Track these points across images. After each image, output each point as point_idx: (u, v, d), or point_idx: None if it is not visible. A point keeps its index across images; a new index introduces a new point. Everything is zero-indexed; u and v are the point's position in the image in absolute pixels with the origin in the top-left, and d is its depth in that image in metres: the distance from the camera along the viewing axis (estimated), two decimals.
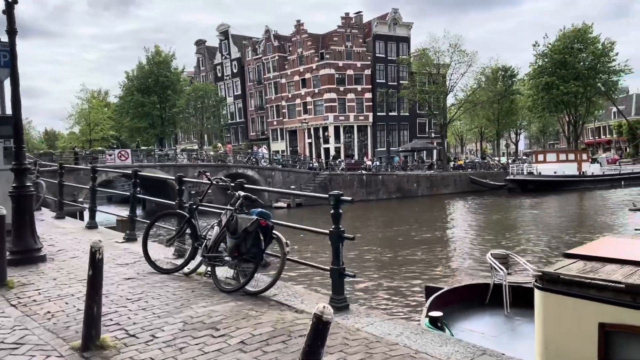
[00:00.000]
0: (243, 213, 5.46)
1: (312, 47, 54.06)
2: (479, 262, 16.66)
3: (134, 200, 8.03)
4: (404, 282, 13.93)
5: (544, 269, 4.41)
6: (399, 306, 11.46)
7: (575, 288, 4.11)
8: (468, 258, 17.36)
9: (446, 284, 13.00)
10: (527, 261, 7.99)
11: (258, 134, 62.89)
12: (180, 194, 6.76)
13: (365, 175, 41.91)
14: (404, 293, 12.71)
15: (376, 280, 14.32)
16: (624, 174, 46.92)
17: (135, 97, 52.60)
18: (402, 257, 17.72)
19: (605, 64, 50.26)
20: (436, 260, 17.11)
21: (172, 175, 36.67)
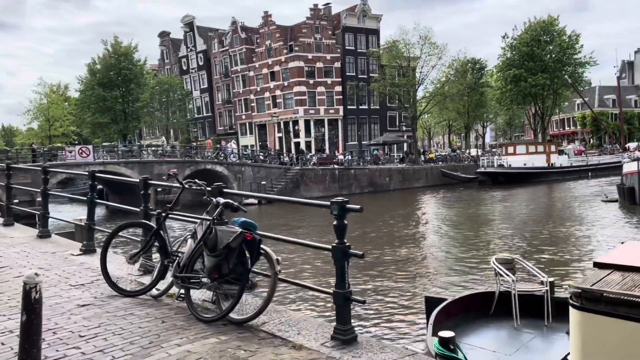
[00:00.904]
0: (223, 224, 4.56)
1: (281, 39, 52.89)
2: (459, 259, 16.13)
3: (92, 206, 6.98)
4: (390, 286, 13.18)
5: (582, 285, 3.72)
6: (394, 320, 10.46)
7: (623, 308, 3.46)
8: (451, 257, 16.80)
9: (442, 289, 12.28)
10: (534, 266, 7.32)
11: (226, 129, 61.39)
12: (146, 199, 5.78)
13: (338, 170, 41.20)
14: (396, 301, 11.87)
15: (358, 286, 13.52)
16: (591, 165, 47.65)
17: (97, 91, 50.39)
18: (378, 256, 16.94)
19: (571, 56, 50.86)
20: (418, 260, 16.48)
21: (137, 172, 35.23)
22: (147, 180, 5.76)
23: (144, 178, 5.77)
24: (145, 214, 5.69)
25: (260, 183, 37.83)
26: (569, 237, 19.25)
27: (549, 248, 17.25)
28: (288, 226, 25.83)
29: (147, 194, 5.79)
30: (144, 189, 5.79)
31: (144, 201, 5.76)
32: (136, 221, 5.35)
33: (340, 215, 3.83)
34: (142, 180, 5.77)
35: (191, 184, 5.04)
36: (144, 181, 5.77)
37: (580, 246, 17.63)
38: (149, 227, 5.06)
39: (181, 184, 4.99)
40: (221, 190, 4.88)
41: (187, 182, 5.04)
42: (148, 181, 5.77)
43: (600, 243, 17.85)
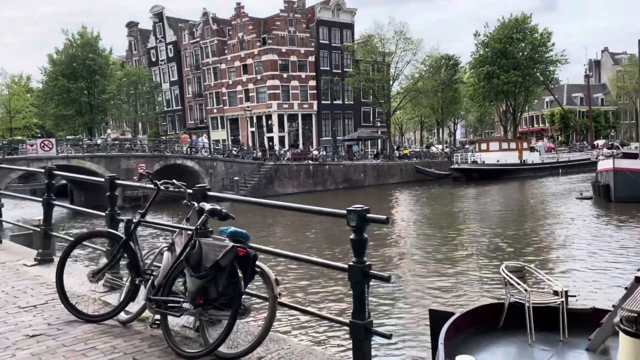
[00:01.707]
0: (208, 235, 3.75)
1: (254, 31, 51.66)
2: (443, 262, 15.59)
3: (48, 208, 6.04)
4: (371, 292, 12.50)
5: (632, 307, 3.09)
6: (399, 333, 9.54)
7: None
8: (433, 260, 16.25)
9: (428, 295, 11.56)
10: (545, 273, 6.71)
11: (197, 122, 59.82)
12: (113, 202, 4.90)
13: (312, 166, 40.43)
14: None
15: None
16: (562, 162, 48.19)
17: (60, 82, 48.37)
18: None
19: (543, 54, 51.36)
20: (396, 263, 15.79)
21: (103, 167, 33.70)
22: (114, 179, 4.88)
23: (110, 177, 4.88)
24: (111, 220, 4.81)
25: (232, 179, 36.78)
26: (548, 236, 19.03)
27: (530, 248, 16.91)
28: (263, 225, 24.97)
29: (114, 195, 4.91)
30: (110, 190, 4.90)
31: (110, 205, 4.88)
32: (100, 230, 4.46)
33: (360, 227, 3.08)
34: (109, 179, 4.88)
35: (168, 185, 4.20)
36: (111, 181, 4.88)
37: (560, 245, 17.37)
38: (115, 237, 4.19)
39: (156, 186, 4.15)
40: (205, 193, 4.06)
41: (162, 183, 4.20)
42: (115, 181, 4.88)
43: (580, 241, 17.63)
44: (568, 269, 13.95)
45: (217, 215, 3.61)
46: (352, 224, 3.08)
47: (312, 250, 17.31)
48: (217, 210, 3.61)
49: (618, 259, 14.62)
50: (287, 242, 19.57)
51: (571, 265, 14.40)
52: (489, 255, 15.88)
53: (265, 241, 17.82)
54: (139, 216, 4.12)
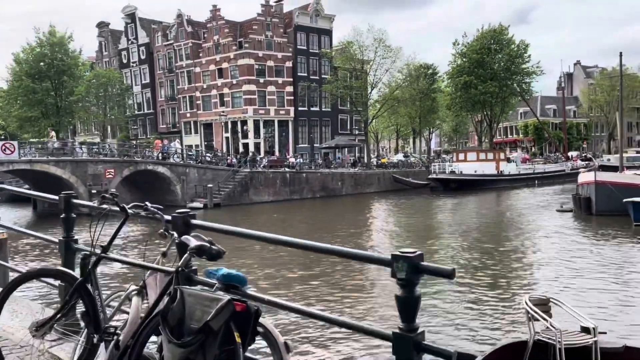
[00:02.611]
0: (193, 280, 2.82)
1: (230, 34, 50.55)
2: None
3: None
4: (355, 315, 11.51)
5: None
6: None
7: None
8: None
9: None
10: (573, 308, 5.94)
11: (169, 127, 58.17)
12: (68, 226, 3.89)
13: (289, 173, 39.46)
14: None
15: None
16: (537, 173, 48.43)
17: (25, 82, 46.22)
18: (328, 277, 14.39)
19: (519, 65, 51.69)
20: (378, 284, 14.82)
21: (69, 172, 31.98)
22: (69, 199, 3.87)
23: (65, 196, 3.87)
24: (66, 250, 3.81)
25: (206, 186, 35.51)
26: (533, 251, 18.40)
27: (515, 264, 16.21)
28: (251, 251, 23.91)
29: (70, 217, 3.91)
30: (65, 211, 3.90)
31: (64, 229, 3.88)
32: (48, 268, 3.45)
33: (411, 280, 2.20)
34: (63, 198, 3.87)
35: (138, 209, 3.23)
36: (66, 200, 3.88)
37: (546, 261, 16.59)
38: (68, 277, 3.20)
39: (123, 211, 3.17)
40: (188, 221, 3.11)
41: (132, 206, 3.23)
42: (72, 200, 3.88)
43: (566, 257, 17.07)
44: (562, 287, 13.33)
45: (206, 254, 2.68)
46: (400, 275, 2.19)
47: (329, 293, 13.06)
48: (206, 248, 2.67)
49: (612, 276, 14.11)
50: (292, 280, 14.54)
51: (563, 283, 13.79)
52: (475, 274, 15.12)
53: (261, 277, 14.52)
54: (100, 249, 3.14)
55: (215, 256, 2.68)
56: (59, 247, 3.87)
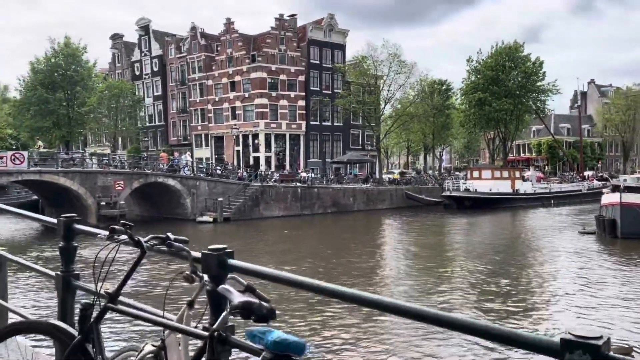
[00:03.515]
0: (230, 341, 2.06)
1: (243, 48, 50.31)
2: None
3: None
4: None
5: None
6: None
7: None
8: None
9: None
10: None
11: (180, 139, 57.82)
12: (68, 258, 3.15)
13: (300, 188, 38.73)
14: None
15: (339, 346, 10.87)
16: (553, 193, 47.33)
17: (39, 92, 46.22)
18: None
19: (534, 83, 50.93)
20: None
21: (77, 183, 31.43)
22: (70, 223, 3.13)
23: (65, 219, 3.13)
24: (65, 288, 3.06)
25: (216, 199, 34.85)
26: (556, 276, 17.37)
27: (539, 291, 15.18)
28: (255, 250, 23.12)
29: (70, 247, 3.17)
30: (65, 239, 3.16)
31: (63, 262, 3.14)
32: (37, 322, 2.67)
33: None
34: (63, 223, 3.13)
35: (158, 242, 2.47)
36: (66, 225, 3.14)
37: (571, 288, 15.38)
38: (64, 334, 2.44)
39: (138, 245, 2.41)
40: (224, 261, 2.33)
41: (151, 238, 2.46)
42: (73, 226, 3.14)
43: (592, 283, 16.06)
44: (595, 318, 12.39)
45: (255, 315, 1.92)
46: None
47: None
48: (255, 306, 1.91)
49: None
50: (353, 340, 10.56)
51: (595, 313, 12.81)
52: (500, 302, 14.17)
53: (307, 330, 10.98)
54: (105, 297, 2.39)
55: (267, 317, 1.93)
56: (55, 284, 3.13)
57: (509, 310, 13.05)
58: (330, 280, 13.60)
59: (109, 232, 2.35)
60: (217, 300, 2.13)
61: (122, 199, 32.59)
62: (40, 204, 37.20)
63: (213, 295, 2.16)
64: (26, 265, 3.81)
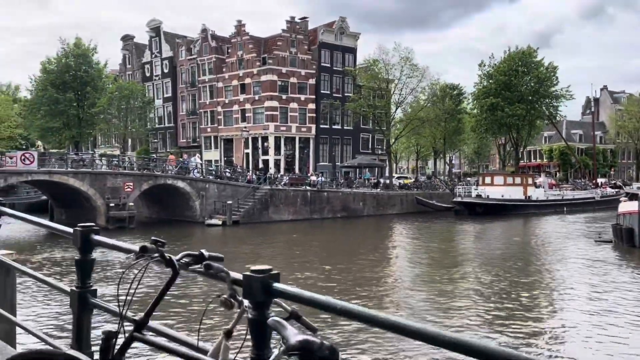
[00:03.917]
0: None
1: (254, 50, 50.14)
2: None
3: None
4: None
5: None
6: None
7: None
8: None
9: None
10: None
11: (189, 141, 57.72)
12: (84, 272, 2.80)
13: (310, 192, 38.39)
14: None
15: None
16: (566, 200, 46.68)
17: (49, 92, 46.25)
18: None
19: (548, 88, 50.34)
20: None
21: (87, 184, 31.27)
22: (88, 233, 2.79)
23: (83, 230, 2.79)
24: (81, 308, 2.72)
25: (225, 202, 34.59)
26: (573, 288, 16.65)
27: (556, 305, 14.53)
28: (264, 255, 22.81)
29: (87, 260, 2.83)
30: (82, 251, 2.82)
31: (79, 278, 2.81)
32: (48, 353, 2.29)
33: None
34: (80, 233, 2.79)
35: (189, 259, 2.10)
36: (83, 234, 2.80)
37: (591, 302, 14.58)
38: None
39: (170, 265, 2.06)
40: (269, 285, 1.97)
41: (183, 256, 2.10)
42: (92, 237, 2.80)
43: (611, 295, 15.41)
44: (615, 333, 11.88)
45: (316, 357, 1.56)
46: None
47: None
48: (315, 347, 1.55)
49: None
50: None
51: (616, 330, 12.26)
52: (515, 315, 13.65)
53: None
54: (132, 324, 2.04)
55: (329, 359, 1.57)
56: (70, 302, 2.80)
57: (523, 324, 12.57)
58: (341, 291, 12.97)
59: (140, 250, 2.00)
60: (261, 331, 1.83)
61: (131, 201, 32.41)
62: (50, 204, 37.10)
63: (256, 325, 1.83)
64: (37, 277, 3.48)
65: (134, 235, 28.78)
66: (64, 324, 11.35)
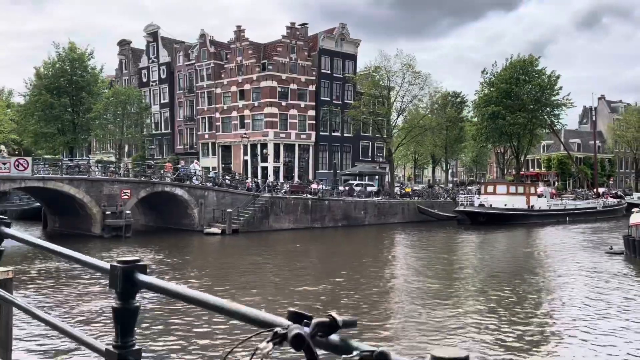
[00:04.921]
0: None
1: (253, 56, 49.45)
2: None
3: None
4: None
5: None
6: None
7: None
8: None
9: None
10: None
11: (186, 148, 56.81)
12: (127, 326, 2.01)
13: (311, 200, 37.60)
14: None
15: None
16: (569, 210, 46.17)
17: (44, 97, 45.32)
18: None
19: (549, 97, 50.00)
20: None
21: (83, 191, 30.28)
22: (132, 270, 2.00)
23: (125, 267, 1.98)
24: None
25: (225, 210, 33.73)
26: (587, 303, 15.76)
27: (568, 324, 13.50)
28: (264, 265, 21.94)
29: (131, 309, 2.04)
30: (123, 297, 2.02)
31: (118, 334, 2.01)
32: None
33: None
34: (122, 270, 1.99)
35: (321, 330, 1.31)
36: (126, 274, 2.00)
37: (606, 319, 13.71)
38: None
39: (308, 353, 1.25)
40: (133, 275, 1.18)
41: (316, 326, 1.31)
42: (136, 275, 2.01)
43: (628, 311, 14.70)
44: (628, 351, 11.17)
45: None
46: None
47: None
48: None
49: None
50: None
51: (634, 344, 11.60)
52: (528, 332, 12.96)
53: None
54: None
55: None
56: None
57: (540, 343, 11.87)
58: (346, 305, 12.15)
59: (273, 337, 1.21)
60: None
61: (128, 208, 31.48)
62: (43, 211, 36.11)
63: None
64: (45, 320, 2.67)
65: (131, 245, 27.82)
66: None
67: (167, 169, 37.45)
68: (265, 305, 14.66)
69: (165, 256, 24.27)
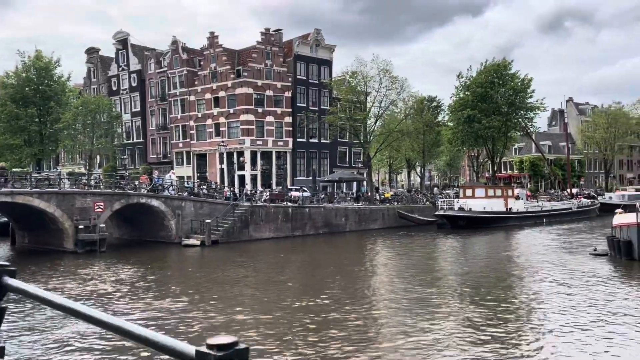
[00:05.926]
0: None
1: (228, 62, 48.60)
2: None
3: None
4: None
5: None
6: None
7: None
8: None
9: None
10: None
11: (159, 157, 55.41)
12: None
13: (291, 208, 36.93)
14: None
15: None
16: (546, 211, 46.71)
17: (9, 107, 43.61)
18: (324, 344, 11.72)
19: (523, 100, 50.64)
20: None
21: (54, 205, 28.90)
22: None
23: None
24: None
25: (203, 221, 32.74)
26: (575, 306, 15.54)
27: (557, 327, 13.33)
28: (253, 280, 21.15)
29: None
30: None
31: None
32: None
33: None
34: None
35: None
36: None
37: (599, 322, 13.47)
38: None
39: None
40: None
41: None
42: (4, 278, 1.40)
43: (616, 313, 14.52)
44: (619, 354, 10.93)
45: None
46: None
47: None
48: None
49: None
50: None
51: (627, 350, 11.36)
52: (513, 339, 12.65)
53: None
54: None
55: None
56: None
57: (528, 345, 11.59)
58: (343, 323, 11.69)
59: None
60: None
61: (102, 222, 30.19)
62: (11, 227, 34.43)
63: None
64: None
65: (106, 260, 26.63)
66: None
67: (143, 180, 36.16)
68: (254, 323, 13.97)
69: (145, 271, 23.21)
